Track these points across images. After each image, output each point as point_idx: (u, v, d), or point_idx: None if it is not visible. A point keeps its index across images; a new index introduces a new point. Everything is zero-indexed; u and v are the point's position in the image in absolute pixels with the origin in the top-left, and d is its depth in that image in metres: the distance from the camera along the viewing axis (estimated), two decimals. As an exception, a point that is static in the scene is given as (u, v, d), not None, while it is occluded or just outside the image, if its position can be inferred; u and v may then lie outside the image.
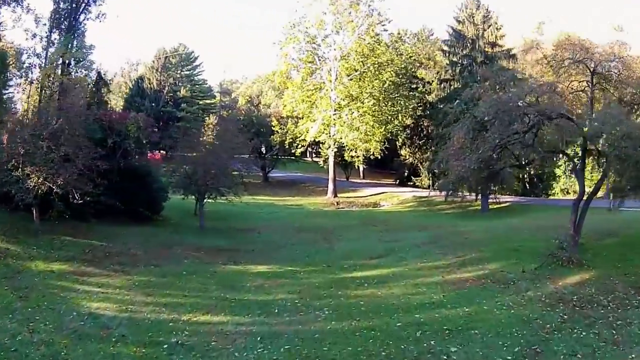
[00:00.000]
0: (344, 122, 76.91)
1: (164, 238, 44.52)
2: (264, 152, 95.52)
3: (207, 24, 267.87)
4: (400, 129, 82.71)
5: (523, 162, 37.94)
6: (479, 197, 64.27)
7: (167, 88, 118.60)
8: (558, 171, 76.41)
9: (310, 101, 79.43)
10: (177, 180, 52.97)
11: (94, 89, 63.11)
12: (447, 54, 72.65)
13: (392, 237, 47.24)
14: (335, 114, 77.36)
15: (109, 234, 41.67)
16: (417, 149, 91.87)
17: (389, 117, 79.48)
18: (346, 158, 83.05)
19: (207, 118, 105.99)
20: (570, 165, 47.41)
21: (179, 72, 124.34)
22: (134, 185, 48.01)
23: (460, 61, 70.56)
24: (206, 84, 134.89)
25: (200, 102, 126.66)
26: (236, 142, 56.15)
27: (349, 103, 77.08)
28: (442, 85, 72.97)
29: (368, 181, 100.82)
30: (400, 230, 51.57)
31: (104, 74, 61.94)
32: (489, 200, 62.90)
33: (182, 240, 44.23)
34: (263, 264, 36.99)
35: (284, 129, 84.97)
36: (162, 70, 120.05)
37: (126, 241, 40.62)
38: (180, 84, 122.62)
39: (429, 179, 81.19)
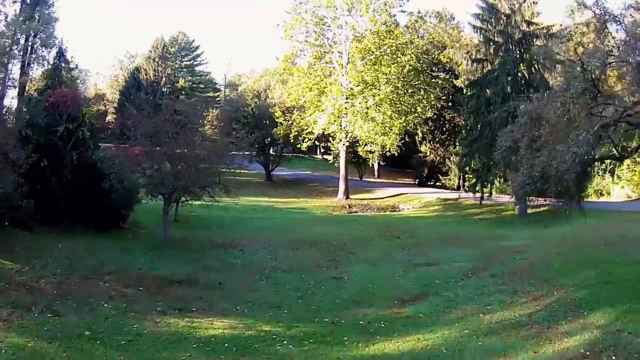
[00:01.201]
0: (357, 112, 62.89)
1: (106, 258, 31.42)
2: (269, 147, 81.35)
3: (212, 16, 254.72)
4: (422, 120, 68.20)
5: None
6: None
7: (164, 79, 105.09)
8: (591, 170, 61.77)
9: (319, 88, 65.42)
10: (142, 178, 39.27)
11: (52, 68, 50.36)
12: (478, 31, 57.67)
13: (424, 258, 34.29)
14: (347, 102, 63.40)
15: (41, 250, 30.48)
16: (439, 145, 77.89)
17: (409, 107, 65.23)
18: (360, 154, 68.60)
19: (206, 111, 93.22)
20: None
21: (177, 62, 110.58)
22: (90, 184, 36.32)
23: (493, 38, 55.94)
24: (207, 75, 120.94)
25: (201, 95, 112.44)
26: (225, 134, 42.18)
27: (363, 90, 63.20)
28: (474, 66, 58.23)
29: (384, 180, 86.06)
30: (432, 246, 38.36)
31: (65, 50, 49.59)
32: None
33: (128, 263, 31.33)
34: (224, 314, 23.42)
35: (288, 121, 70.73)
36: (159, 60, 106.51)
37: (52, 261, 28.78)
38: (178, 74, 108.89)
39: (458, 179, 66.29)
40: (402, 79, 64.35)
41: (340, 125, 63.96)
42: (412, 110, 65.76)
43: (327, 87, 64.97)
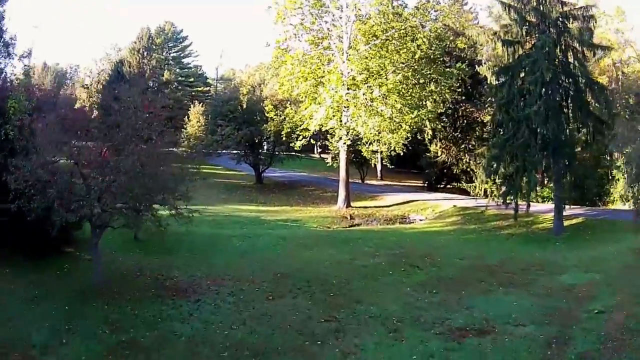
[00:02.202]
0: (361, 104, 51.01)
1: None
2: (259, 145, 69.48)
3: (213, 16, 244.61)
4: (435, 115, 56.09)
5: None
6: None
7: (148, 72, 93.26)
8: (616, 173, 51.94)
9: (315, 77, 53.57)
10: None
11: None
12: (508, 8, 45.55)
13: (465, 313, 23.22)
14: (348, 93, 51.43)
15: None
16: (452, 143, 66.27)
17: (420, 101, 53.72)
18: (364, 154, 55.88)
19: (192, 106, 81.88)
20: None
21: (164, 54, 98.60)
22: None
23: (527, 17, 44.11)
24: (198, 69, 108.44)
25: (189, 88, 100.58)
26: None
27: (367, 79, 51.49)
28: (504, 50, 46.17)
29: (388, 183, 74.06)
30: (466, 284, 27.40)
31: (5, 30, 38.65)
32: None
33: (22, 330, 20.44)
34: None
35: (280, 116, 59.01)
36: (144, 51, 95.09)
37: None
38: (164, 67, 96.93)
39: (485, 185, 52.65)
40: (412, 68, 52.76)
41: (341, 121, 52.26)
42: (425, 102, 54.02)
43: (325, 76, 53.23)
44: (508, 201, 42.88)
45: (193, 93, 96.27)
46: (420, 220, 50.83)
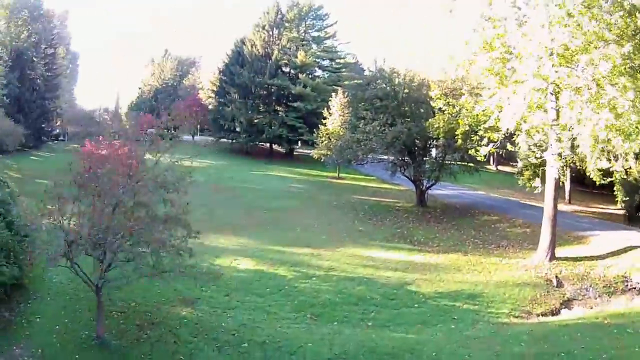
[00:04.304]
0: (585, 87, 29.11)
1: None
2: (423, 151, 49.70)
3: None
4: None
5: None
6: None
7: (276, 52, 75.74)
8: None
9: (503, 47, 32.29)
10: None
11: None
12: None
13: None
14: (558, 71, 30.00)
15: None
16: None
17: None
18: (594, 178, 33.41)
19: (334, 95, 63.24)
20: None
21: (299, 32, 79.93)
22: None
23: None
24: (349, 56, 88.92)
25: (335, 75, 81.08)
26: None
27: (586, 48, 29.18)
28: None
29: (577, 209, 49.44)
30: None
31: None
32: None
33: None
34: None
35: (454, 107, 39.48)
36: (271, 28, 79.41)
37: None
38: (299, 47, 78.32)
39: None
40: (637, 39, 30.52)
41: (555, 114, 31.35)
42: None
43: (518, 44, 32.12)
44: None
45: (345, 82, 75.46)
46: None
